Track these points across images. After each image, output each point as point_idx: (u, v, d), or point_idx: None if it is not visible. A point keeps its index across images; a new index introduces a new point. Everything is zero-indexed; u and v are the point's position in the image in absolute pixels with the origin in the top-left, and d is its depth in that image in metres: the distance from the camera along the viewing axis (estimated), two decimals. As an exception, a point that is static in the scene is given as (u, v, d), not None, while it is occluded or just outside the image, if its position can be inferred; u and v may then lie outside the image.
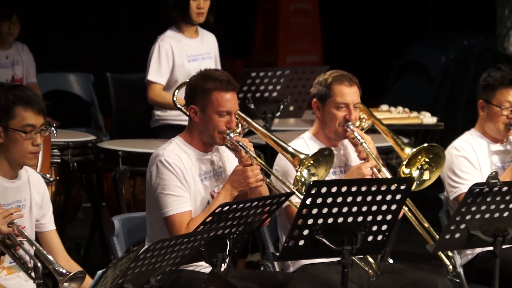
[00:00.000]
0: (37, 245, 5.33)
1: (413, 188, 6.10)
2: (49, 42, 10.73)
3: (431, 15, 12.49)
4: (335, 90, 6.37)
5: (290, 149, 6.19)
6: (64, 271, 5.22)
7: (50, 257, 5.29)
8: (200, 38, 8.11)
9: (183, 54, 7.92)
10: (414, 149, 6.47)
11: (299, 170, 6.06)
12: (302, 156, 6.10)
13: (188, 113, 6.14)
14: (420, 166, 6.47)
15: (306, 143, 6.42)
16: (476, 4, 10.70)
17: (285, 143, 6.26)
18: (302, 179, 6.03)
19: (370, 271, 6.10)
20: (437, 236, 6.15)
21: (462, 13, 11.51)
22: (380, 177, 6.31)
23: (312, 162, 6.09)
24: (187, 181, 5.97)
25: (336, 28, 11.61)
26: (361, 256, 6.00)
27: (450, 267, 6.52)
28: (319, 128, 6.49)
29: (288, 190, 5.98)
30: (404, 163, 6.44)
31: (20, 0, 10.22)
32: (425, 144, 6.62)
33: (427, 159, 6.47)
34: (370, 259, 6.09)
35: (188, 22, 8.01)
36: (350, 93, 6.39)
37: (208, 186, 6.07)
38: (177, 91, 7.04)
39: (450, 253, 6.46)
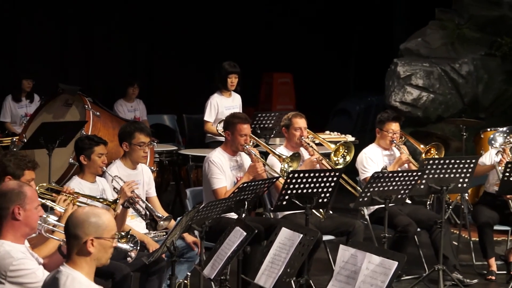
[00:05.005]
0: (146, 202, 5.31)
1: (341, 166, 6.35)
2: (154, 98, 10.68)
3: (352, 83, 12.47)
4: (293, 121, 6.38)
5: (277, 153, 6.18)
6: (160, 215, 5.22)
7: (153, 208, 5.28)
8: (232, 97, 8.06)
9: (223, 106, 7.89)
10: (335, 145, 6.51)
11: (282, 164, 6.05)
12: (284, 157, 6.09)
13: (224, 135, 6.13)
14: (342, 154, 6.47)
15: (283, 150, 6.37)
16: (375, 77, 10.65)
17: (275, 150, 6.25)
18: (284, 169, 6.01)
19: (321, 216, 6.08)
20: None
21: (368, 82, 11.47)
22: (325, 164, 6.28)
23: (289, 160, 6.07)
24: (224, 170, 5.95)
25: (301, 91, 11.56)
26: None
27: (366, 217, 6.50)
28: (287, 142, 6.46)
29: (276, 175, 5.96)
30: (332, 153, 6.48)
31: (137, 74, 10.21)
32: (342, 141, 6.68)
33: (345, 150, 6.48)
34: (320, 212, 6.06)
35: (226, 89, 7.97)
36: (301, 122, 6.38)
37: (234, 174, 6.05)
38: (219, 124, 7.06)
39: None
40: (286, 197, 5.50)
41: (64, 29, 10.49)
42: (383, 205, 5.82)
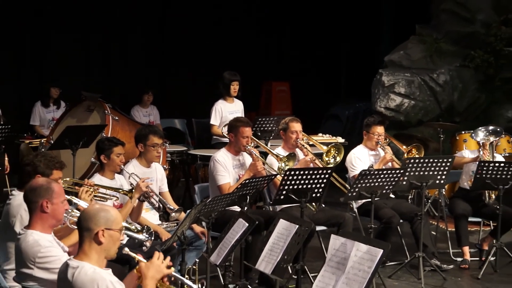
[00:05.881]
0: (159, 196, 5.29)
1: (332, 165, 6.23)
2: (166, 104, 10.66)
3: (342, 91, 12.45)
4: (290, 125, 6.31)
5: (275, 153, 6.15)
6: (172, 207, 5.20)
7: (165, 201, 5.26)
8: (235, 103, 8.05)
9: (226, 111, 7.88)
10: (327, 147, 6.43)
11: (280, 163, 6.02)
12: (281, 156, 6.06)
13: (228, 137, 6.11)
14: (333, 155, 6.41)
15: (281, 151, 6.33)
16: (362, 86, 10.65)
17: (273, 151, 6.22)
18: (281, 168, 5.97)
19: (313, 209, 6.07)
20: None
21: (356, 90, 11.46)
22: (317, 163, 6.23)
23: (286, 159, 6.04)
24: (228, 168, 5.93)
25: (297, 98, 11.55)
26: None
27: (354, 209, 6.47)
28: (284, 143, 6.40)
29: (274, 173, 5.94)
30: (324, 154, 6.40)
31: (151, 83, 10.21)
32: (333, 143, 6.60)
33: (336, 151, 6.41)
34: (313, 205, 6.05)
35: (229, 96, 7.96)
36: (297, 126, 6.32)
37: (237, 171, 6.01)
38: (223, 127, 7.02)
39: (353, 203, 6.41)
40: (284, 192, 5.48)
41: (87, 44, 10.52)
42: (370, 199, 5.80)
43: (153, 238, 3.93)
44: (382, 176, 5.78)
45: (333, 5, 11.76)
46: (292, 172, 5.47)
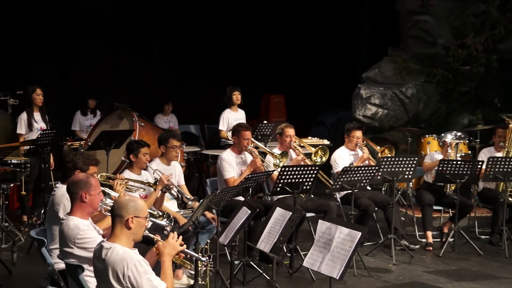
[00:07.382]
0: (178, 188, 5.26)
1: (319, 163, 6.17)
2: (183, 112, 10.63)
3: (327, 102, 12.40)
4: (285, 130, 6.29)
5: (272, 152, 6.13)
6: (189, 197, 5.17)
7: (183, 192, 5.24)
8: (239, 112, 8.05)
9: (232, 118, 7.87)
10: (315, 149, 6.40)
11: (275, 160, 6.01)
12: (276, 155, 6.04)
13: (232, 139, 6.09)
14: (320, 155, 6.38)
15: (277, 151, 6.29)
16: (344, 97, 10.61)
17: (270, 150, 6.20)
18: (276, 164, 5.97)
19: (304, 198, 6.05)
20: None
21: (339, 101, 11.42)
22: (307, 161, 6.20)
23: (280, 157, 6.03)
24: (232, 165, 5.92)
25: (291, 108, 11.52)
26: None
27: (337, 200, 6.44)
28: (280, 145, 6.37)
29: (271, 169, 5.92)
30: (313, 154, 6.37)
31: (171, 95, 10.17)
32: (320, 145, 6.57)
33: (322, 152, 6.38)
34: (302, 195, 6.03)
35: (233, 104, 7.96)
36: (291, 131, 6.29)
37: (239, 168, 5.99)
38: (229, 132, 7.00)
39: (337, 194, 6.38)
40: (280, 185, 5.49)
41: (118, 62, 10.54)
42: (350, 191, 5.81)
43: (172, 223, 3.92)
44: (360, 172, 5.78)
45: (322, 31, 11.80)
46: (287, 169, 5.47)
